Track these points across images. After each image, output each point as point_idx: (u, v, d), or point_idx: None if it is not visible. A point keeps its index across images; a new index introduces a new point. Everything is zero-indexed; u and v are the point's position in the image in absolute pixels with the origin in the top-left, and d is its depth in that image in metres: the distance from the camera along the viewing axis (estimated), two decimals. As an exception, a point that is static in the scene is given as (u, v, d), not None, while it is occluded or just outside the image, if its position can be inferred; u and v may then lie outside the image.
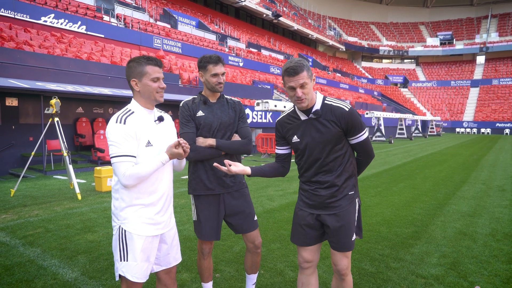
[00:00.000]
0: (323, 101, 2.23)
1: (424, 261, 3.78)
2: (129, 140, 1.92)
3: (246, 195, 2.74)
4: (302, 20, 48.93)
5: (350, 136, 2.25)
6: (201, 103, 2.64)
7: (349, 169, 2.29)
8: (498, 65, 55.80)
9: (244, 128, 2.70)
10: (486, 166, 12.14)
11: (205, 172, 2.60)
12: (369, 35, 63.77)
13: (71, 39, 15.58)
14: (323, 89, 35.06)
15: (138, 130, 1.96)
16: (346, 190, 2.27)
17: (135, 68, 2.01)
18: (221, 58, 2.62)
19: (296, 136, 2.29)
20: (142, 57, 2.02)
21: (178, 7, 31.31)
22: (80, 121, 12.43)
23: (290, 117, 2.35)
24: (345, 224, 2.25)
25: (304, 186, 2.37)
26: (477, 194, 7.37)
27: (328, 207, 2.27)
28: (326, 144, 2.21)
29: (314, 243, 2.35)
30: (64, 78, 11.25)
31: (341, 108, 2.19)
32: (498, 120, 45.48)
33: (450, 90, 55.33)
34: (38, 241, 4.30)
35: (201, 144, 2.54)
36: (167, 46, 21.44)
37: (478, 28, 61.15)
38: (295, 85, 2.12)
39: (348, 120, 2.18)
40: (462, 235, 4.66)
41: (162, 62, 2.13)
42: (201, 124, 2.58)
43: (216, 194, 2.63)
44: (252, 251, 2.78)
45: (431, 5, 66.25)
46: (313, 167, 2.27)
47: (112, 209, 2.09)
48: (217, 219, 2.64)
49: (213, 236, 2.63)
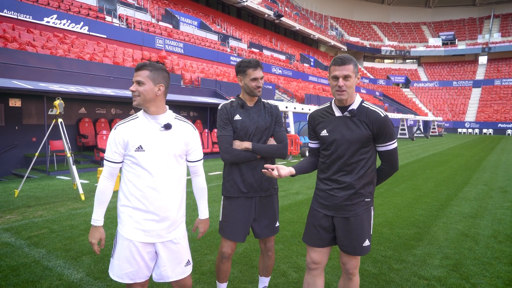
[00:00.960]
0: (361, 103, 2.30)
1: (426, 262, 3.80)
2: (114, 146, 2.03)
3: (275, 201, 2.79)
4: (304, 20, 48.92)
5: (379, 143, 2.28)
6: (239, 106, 2.68)
7: (370, 176, 2.30)
8: (501, 65, 55.70)
9: (280, 132, 2.73)
10: (488, 167, 12.14)
11: (240, 175, 2.63)
12: (371, 35, 63.72)
13: (73, 40, 15.64)
14: (324, 89, 35.05)
15: (128, 136, 2.01)
16: (363, 195, 2.29)
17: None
18: (259, 62, 2.68)
19: (326, 130, 2.33)
20: None
21: (180, 7, 31.37)
22: (83, 122, 12.48)
23: (324, 111, 2.40)
24: (357, 229, 2.27)
25: (321, 185, 2.39)
26: (479, 195, 7.38)
27: (343, 209, 2.28)
28: (353, 143, 2.23)
29: (325, 245, 2.38)
30: (67, 78, 11.30)
31: (377, 113, 2.24)
32: (500, 121, 45.42)
33: (452, 90, 55.26)
34: (43, 241, 4.33)
35: (237, 147, 2.59)
36: (169, 46, 21.49)
37: (480, 28, 61.06)
38: (339, 75, 2.18)
39: (381, 126, 2.22)
40: (464, 236, 4.68)
41: (164, 63, 2.23)
42: (238, 128, 2.63)
43: (249, 197, 2.66)
44: (264, 253, 2.82)
45: (433, 5, 66.17)
46: (335, 164, 2.29)
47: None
48: (246, 222, 2.66)
49: (239, 237, 2.65)
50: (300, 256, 3.95)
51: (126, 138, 2.00)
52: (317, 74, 38.52)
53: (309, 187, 8.14)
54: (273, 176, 2.31)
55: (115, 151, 2.02)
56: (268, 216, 2.70)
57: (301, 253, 4.04)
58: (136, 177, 2.02)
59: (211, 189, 7.24)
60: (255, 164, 2.61)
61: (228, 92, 17.29)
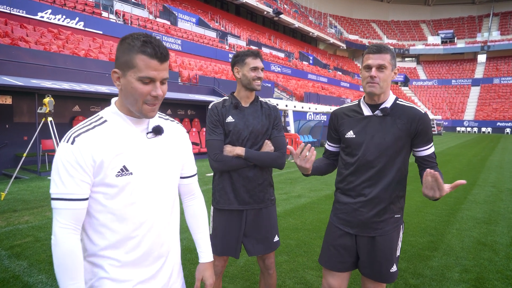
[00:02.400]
0: (395, 101, 1.95)
1: (445, 276, 3.47)
2: (76, 171, 1.19)
3: (273, 213, 2.43)
4: (303, 17, 48.53)
5: (417, 146, 1.92)
6: (232, 107, 2.34)
7: (401, 187, 1.96)
8: (500, 64, 55.48)
9: (278, 138, 2.37)
10: (493, 167, 11.84)
11: (231, 184, 2.30)
12: (370, 33, 63.38)
13: (68, 36, 15.22)
14: (323, 87, 34.73)
15: (100, 153, 1.22)
16: (392, 211, 1.93)
17: (123, 53, 1.27)
18: (259, 52, 2.36)
19: (352, 132, 1.98)
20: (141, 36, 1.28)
21: (178, 3, 30.93)
22: (77, 120, 12.07)
23: (351, 110, 2.04)
24: (385, 251, 1.92)
25: (342, 197, 2.03)
26: (489, 198, 7.07)
27: (369, 227, 1.93)
28: (386, 148, 1.88)
29: (346, 269, 2.03)
30: (61, 75, 10.91)
31: (415, 109, 1.91)
32: (499, 119, 45.20)
33: (451, 89, 55.03)
34: (25, 252, 3.98)
35: (228, 153, 2.25)
36: (166, 43, 21.08)
37: (479, 26, 60.79)
38: (373, 64, 1.84)
39: (421, 123, 1.87)
40: (481, 245, 4.36)
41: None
42: (230, 131, 2.29)
43: (241, 210, 2.33)
44: (264, 272, 2.49)
45: (433, 3, 65.85)
46: (362, 173, 1.93)
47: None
48: (237, 235, 2.34)
49: (230, 252, 2.34)
50: (307, 269, 3.61)
51: (98, 156, 1.21)
52: (316, 72, 38.16)
53: (312, 189, 7.81)
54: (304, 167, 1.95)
55: (81, 179, 1.19)
56: (263, 230, 2.36)
57: (308, 266, 3.70)
58: (116, 219, 1.26)
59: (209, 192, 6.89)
60: (247, 172, 2.28)
61: (226, 90, 16.93)
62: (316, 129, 18.54)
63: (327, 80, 38.50)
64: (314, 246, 4.27)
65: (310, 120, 18.09)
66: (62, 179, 1.18)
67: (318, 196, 7.06)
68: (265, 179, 2.38)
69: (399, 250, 2.00)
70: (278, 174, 9.58)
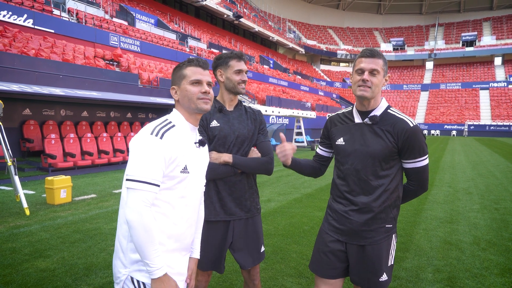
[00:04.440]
0: (386, 109, 1.90)
1: (420, 277, 3.55)
2: (159, 162, 1.43)
3: (259, 222, 2.33)
4: (262, 22, 49.00)
5: (406, 158, 1.88)
6: (216, 111, 2.21)
7: (393, 197, 1.90)
8: (445, 70, 59.53)
9: (264, 143, 2.28)
10: (446, 168, 12.57)
11: (217, 193, 2.17)
12: (327, 39, 65.37)
13: (15, 33, 14.13)
14: (284, 91, 35.20)
15: (177, 151, 1.50)
16: (383, 220, 1.89)
17: (175, 73, 1.64)
18: (244, 54, 2.26)
19: (342, 139, 1.95)
20: (189, 59, 1.64)
21: (135, 3, 29.97)
22: (27, 124, 11.23)
23: (344, 116, 2.02)
24: (373, 260, 1.89)
25: (334, 204, 1.99)
26: (448, 198, 7.45)
27: (358, 236, 1.90)
28: (373, 157, 1.84)
29: (338, 276, 1.99)
30: (8, 76, 10.07)
31: (404, 121, 1.85)
32: (446, 122, 48.41)
33: (403, 93, 58.12)
34: (-25, 272, 3.56)
35: (214, 160, 2.11)
36: (124, 44, 20.28)
37: (427, 35, 64.86)
38: (366, 67, 1.80)
39: (408, 138, 1.82)
40: (448, 244, 4.54)
41: (120, 62, 1.71)
42: (215, 137, 2.16)
43: (227, 221, 2.19)
44: (248, 283, 2.38)
45: (384, 12, 69.31)
46: (351, 181, 1.90)
47: (116, 248, 1.54)
48: (223, 248, 2.21)
49: (215, 266, 2.21)
50: (286, 276, 3.54)
51: (175, 153, 1.48)
52: (277, 76, 38.61)
53: (280, 193, 7.80)
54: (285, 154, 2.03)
55: (162, 169, 1.44)
56: (251, 242, 2.26)
57: (286, 273, 3.63)
58: (171, 208, 1.51)
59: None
60: (233, 180, 2.18)
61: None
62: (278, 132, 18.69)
63: (287, 84, 39.08)
64: (290, 252, 4.22)
65: (273, 124, 18.20)
66: (149, 166, 1.41)
67: (288, 200, 7.06)
68: (250, 186, 2.29)
69: (393, 259, 1.98)
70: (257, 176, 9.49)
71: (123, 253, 1.49)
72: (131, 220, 1.38)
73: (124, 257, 1.49)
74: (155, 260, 1.40)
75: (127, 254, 1.48)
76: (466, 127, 45.80)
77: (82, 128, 12.60)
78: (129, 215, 1.39)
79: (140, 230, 1.38)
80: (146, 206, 1.41)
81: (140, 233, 1.38)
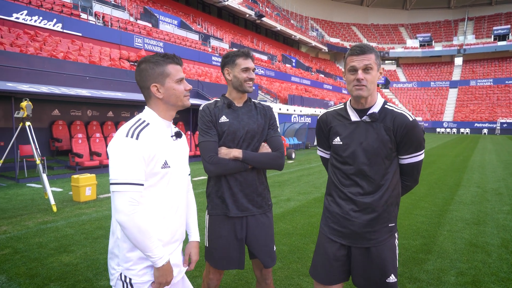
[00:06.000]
0: (384, 105, 1.85)
1: (441, 280, 3.43)
2: (139, 162, 1.47)
3: (271, 220, 2.32)
4: (284, 20, 48.78)
5: (403, 154, 1.84)
6: (225, 106, 2.21)
7: (394, 195, 1.86)
8: (475, 66, 57.23)
9: (275, 138, 2.26)
10: (475, 167, 12.09)
11: (229, 189, 2.17)
12: (351, 36, 64.32)
13: (46, 37, 14.72)
14: (307, 89, 34.91)
15: (155, 148, 1.53)
16: (386, 220, 1.85)
17: (153, 70, 1.58)
18: (250, 52, 2.25)
19: (339, 138, 1.89)
20: (157, 55, 1.61)
21: (159, 6, 30.52)
22: (56, 124, 11.67)
23: (338, 114, 1.94)
24: (380, 261, 1.83)
25: (333, 206, 1.93)
26: (475, 198, 7.16)
27: (363, 238, 1.84)
28: (375, 155, 1.80)
29: (338, 281, 1.93)
30: (38, 78, 10.50)
31: (403, 115, 1.81)
32: (476, 120, 46.56)
33: (430, 91, 56.37)
34: (4, 265, 3.73)
35: (224, 156, 2.12)
36: (148, 45, 20.72)
37: (455, 30, 62.60)
38: (358, 66, 1.75)
39: (408, 132, 1.78)
40: (473, 247, 4.36)
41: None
42: (225, 132, 2.16)
43: (240, 217, 2.19)
44: (261, 282, 2.36)
45: (410, 7, 67.42)
46: (352, 181, 1.85)
47: (109, 248, 1.61)
48: (237, 245, 2.21)
49: (233, 265, 2.20)
50: (302, 276, 3.51)
51: (153, 151, 1.52)
52: (299, 75, 38.34)
53: (300, 192, 7.74)
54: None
55: (143, 168, 1.49)
56: (264, 239, 2.24)
57: (302, 272, 3.60)
58: (158, 203, 1.57)
59: (197, 196, 6.72)
60: (245, 175, 2.16)
61: (210, 92, 16.74)
62: (301, 131, 18.56)
63: (310, 82, 38.75)
64: (307, 251, 4.18)
65: (295, 123, 18.10)
66: (130, 167, 1.45)
67: (308, 199, 6.99)
68: (261, 182, 2.28)
69: (397, 259, 1.92)
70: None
71: (116, 252, 1.57)
72: (122, 221, 1.43)
73: (116, 257, 1.57)
74: (156, 251, 1.48)
75: (120, 254, 1.55)
76: (498, 125, 43.88)
77: (108, 128, 12.96)
78: (119, 217, 1.44)
79: (133, 229, 1.43)
80: (134, 205, 1.45)
81: (133, 231, 1.43)
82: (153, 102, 1.64)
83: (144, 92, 1.63)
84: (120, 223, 1.44)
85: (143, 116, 1.61)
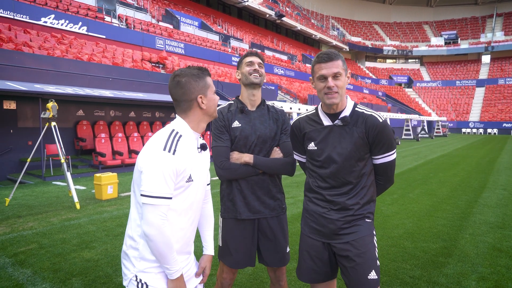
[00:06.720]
0: (354, 108, 1.89)
1: (462, 284, 3.34)
2: (170, 178, 1.48)
3: (284, 222, 2.33)
4: (305, 20, 48.51)
5: (375, 154, 1.89)
6: (238, 111, 2.25)
7: (370, 193, 1.92)
8: (504, 64, 55.11)
9: (287, 143, 2.26)
10: (502, 169, 11.66)
11: (240, 192, 2.20)
12: (373, 35, 63.25)
13: (71, 40, 15.23)
14: (327, 89, 34.59)
15: (185, 163, 1.54)
16: (363, 216, 1.89)
17: (197, 83, 1.61)
18: (258, 52, 2.33)
19: (314, 143, 1.93)
20: (194, 68, 1.64)
21: (181, 7, 30.98)
22: (80, 124, 12.05)
23: (310, 120, 1.97)
24: (361, 256, 1.85)
25: (311, 206, 1.97)
26: (501, 201, 6.91)
27: (341, 234, 1.88)
28: (349, 157, 1.84)
29: (326, 279, 1.97)
30: (64, 80, 10.89)
31: (374, 117, 1.84)
32: (505, 120, 44.86)
33: (456, 90, 54.71)
34: (29, 259, 3.90)
35: (235, 160, 2.16)
36: (169, 46, 21.08)
37: (483, 27, 60.51)
38: (327, 74, 1.79)
39: (378, 133, 1.82)
40: (497, 251, 4.22)
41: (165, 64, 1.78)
42: (237, 137, 2.20)
43: (252, 219, 2.23)
44: (274, 284, 2.38)
45: (435, 5, 65.66)
46: (328, 183, 1.90)
47: (124, 248, 1.61)
48: (250, 247, 2.25)
49: (245, 264, 2.25)
50: None
51: (184, 165, 1.53)
52: (320, 74, 38.03)
53: (318, 193, 7.68)
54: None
55: (174, 182, 1.51)
56: (276, 240, 2.26)
57: (318, 273, 3.58)
58: (176, 215, 1.57)
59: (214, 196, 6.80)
60: (256, 179, 2.19)
61: (230, 93, 16.86)
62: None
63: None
64: (324, 252, 4.15)
65: (314, 123, 17.98)
66: (164, 182, 1.46)
67: (325, 200, 6.93)
68: (275, 185, 2.29)
69: (377, 256, 1.91)
70: (284, 177, 9.47)
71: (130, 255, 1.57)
72: (151, 234, 1.45)
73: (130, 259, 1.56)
74: (174, 264, 1.52)
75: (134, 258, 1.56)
76: (528, 125, 42.14)
77: (130, 128, 13.27)
78: (148, 230, 1.45)
79: (160, 243, 1.46)
80: (163, 219, 1.47)
81: (160, 245, 1.46)
82: (192, 114, 1.63)
83: (183, 104, 1.61)
84: (148, 235, 1.45)
85: (175, 127, 1.59)
